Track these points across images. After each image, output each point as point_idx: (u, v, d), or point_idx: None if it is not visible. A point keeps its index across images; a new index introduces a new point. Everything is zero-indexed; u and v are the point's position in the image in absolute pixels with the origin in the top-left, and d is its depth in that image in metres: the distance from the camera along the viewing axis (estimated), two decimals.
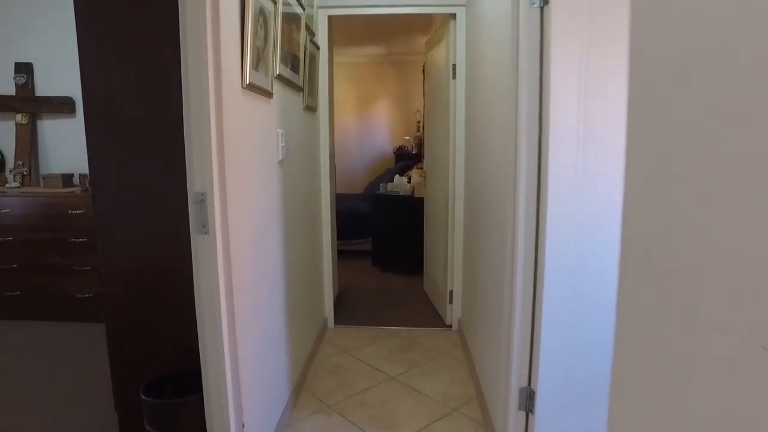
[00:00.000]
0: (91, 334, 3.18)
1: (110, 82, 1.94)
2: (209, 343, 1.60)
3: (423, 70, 6.52)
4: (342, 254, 4.67)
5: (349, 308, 3.79)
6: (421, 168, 5.18)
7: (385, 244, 4.81)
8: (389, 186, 4.83)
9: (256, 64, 1.73)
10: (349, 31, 5.39)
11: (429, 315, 3.64)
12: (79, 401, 2.41)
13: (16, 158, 3.79)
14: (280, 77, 2.09)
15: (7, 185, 3.72)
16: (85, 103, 1.94)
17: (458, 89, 3.17)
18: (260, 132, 1.89)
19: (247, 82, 1.65)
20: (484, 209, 2.43)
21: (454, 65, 3.18)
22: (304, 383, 2.60)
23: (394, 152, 6.99)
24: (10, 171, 3.79)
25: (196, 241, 1.52)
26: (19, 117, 3.77)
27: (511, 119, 1.81)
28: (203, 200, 1.49)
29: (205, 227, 1.50)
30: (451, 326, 3.40)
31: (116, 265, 2.08)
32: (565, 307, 1.77)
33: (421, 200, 4.40)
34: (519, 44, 1.73)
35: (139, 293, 2.10)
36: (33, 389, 2.54)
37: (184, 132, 1.48)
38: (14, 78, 3.78)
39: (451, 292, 3.36)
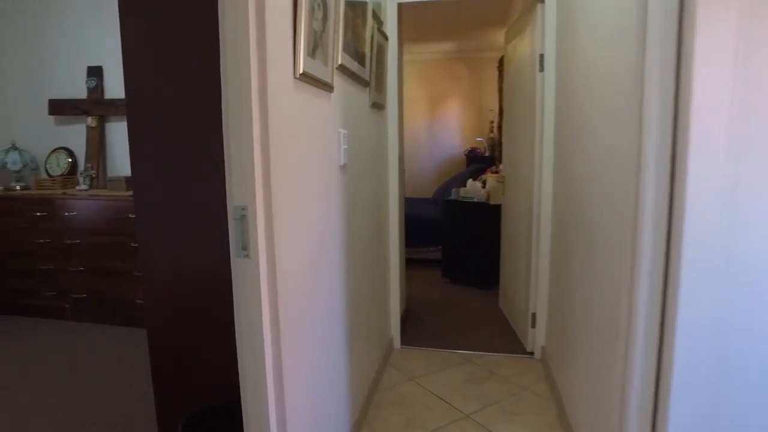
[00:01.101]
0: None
1: (154, 80, 1.73)
2: (250, 386, 1.33)
3: (498, 66, 6.07)
4: (409, 263, 4.36)
5: (418, 326, 3.46)
6: (496, 172, 4.75)
7: (456, 254, 4.43)
8: (461, 191, 4.45)
9: (313, 51, 1.44)
10: (419, 25, 5.06)
11: (507, 338, 3.23)
12: (125, 424, 2.25)
13: (86, 161, 3.80)
14: (342, 68, 1.79)
15: (77, 188, 3.73)
16: (127, 102, 1.75)
17: (547, 83, 2.75)
18: (317, 132, 1.61)
19: (301, 71, 1.36)
20: (585, 225, 2.01)
21: (542, 55, 2.76)
22: (365, 417, 2.30)
23: (465, 154, 6.58)
24: (80, 173, 3.80)
25: (236, 266, 1.25)
26: (89, 120, 3.77)
27: (633, 117, 1.40)
28: (244, 216, 1.22)
29: (246, 249, 1.23)
30: (532, 354, 2.97)
31: (159, 276, 1.88)
32: (706, 367, 1.33)
33: (497, 208, 3.99)
34: (647, 22, 1.31)
35: (183, 310, 1.88)
36: (83, 405, 2.42)
37: (223, 133, 1.21)
38: (86, 82, 3.79)
39: (534, 315, 2.93)
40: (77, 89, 3.84)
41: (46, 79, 3.94)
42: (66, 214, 3.46)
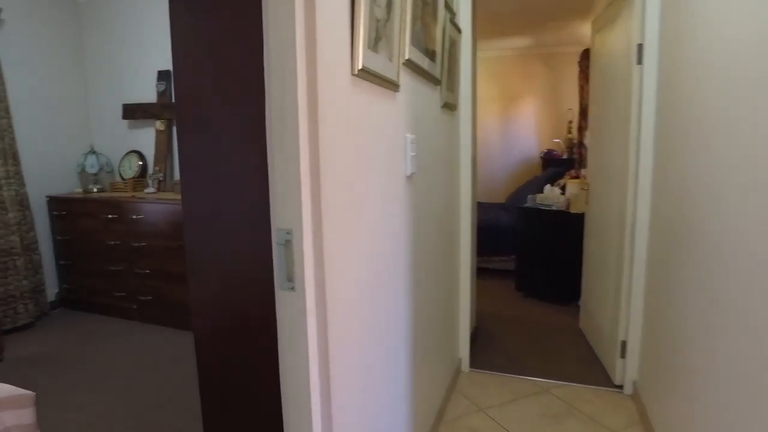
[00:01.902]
0: None
1: (204, 80, 1.59)
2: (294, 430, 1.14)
3: (580, 61, 5.60)
4: (479, 273, 4.06)
5: (488, 347, 3.16)
6: (577, 177, 4.34)
7: (531, 265, 4.08)
8: (539, 198, 4.09)
9: (375, 43, 1.23)
10: (492, 18, 4.74)
11: (589, 366, 2.87)
12: None
13: (154, 164, 3.83)
14: (410, 64, 1.57)
15: (145, 190, 3.77)
16: (177, 103, 1.62)
17: (646, 76, 2.37)
18: (380, 138, 1.39)
19: (360, 67, 1.15)
20: (706, 242, 1.65)
21: (640, 45, 2.39)
22: None
23: (541, 157, 6.15)
24: (149, 176, 3.84)
25: (280, 298, 1.06)
26: (158, 123, 3.80)
27: None
28: (289, 241, 1.02)
29: (291, 281, 1.03)
30: (621, 388, 2.60)
31: (206, 289, 1.73)
32: None
33: (579, 217, 3.60)
34: None
35: (233, 332, 1.73)
36: (140, 415, 2.36)
37: (267, 142, 1.03)
38: (156, 86, 3.82)
39: (624, 343, 2.56)
40: (149, 93, 3.88)
41: (122, 84, 4.03)
42: (133, 217, 3.49)
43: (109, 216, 3.60)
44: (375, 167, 1.36)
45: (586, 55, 5.34)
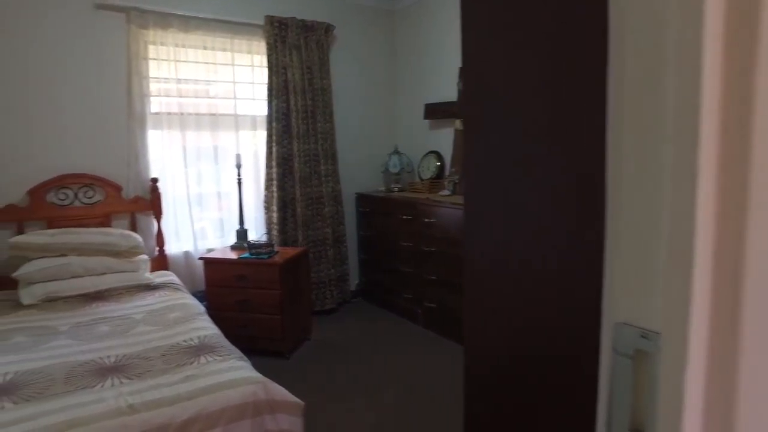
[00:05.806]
0: None
1: (504, 70, 1.14)
2: None
3: None
4: None
5: None
6: None
7: None
8: None
9: None
10: None
11: None
12: None
13: (451, 165, 3.67)
14: None
15: (440, 192, 3.64)
16: (461, 100, 1.23)
17: None
18: None
19: None
20: None
21: None
22: None
23: None
24: (446, 178, 3.70)
25: None
26: (457, 123, 3.62)
27: None
28: (647, 355, 0.47)
29: None
30: None
31: (484, 331, 1.30)
32: None
33: None
34: None
35: (514, 386, 1.25)
36: None
37: (607, 143, 0.50)
38: (457, 84, 3.64)
39: None
40: (450, 92, 3.75)
41: (425, 85, 4.04)
42: (425, 220, 3.38)
43: (404, 217, 3.60)
44: None
45: None
